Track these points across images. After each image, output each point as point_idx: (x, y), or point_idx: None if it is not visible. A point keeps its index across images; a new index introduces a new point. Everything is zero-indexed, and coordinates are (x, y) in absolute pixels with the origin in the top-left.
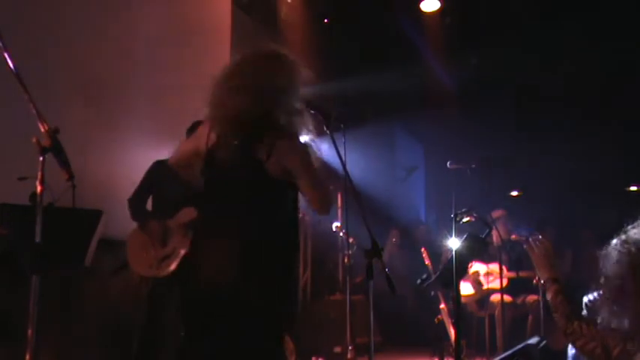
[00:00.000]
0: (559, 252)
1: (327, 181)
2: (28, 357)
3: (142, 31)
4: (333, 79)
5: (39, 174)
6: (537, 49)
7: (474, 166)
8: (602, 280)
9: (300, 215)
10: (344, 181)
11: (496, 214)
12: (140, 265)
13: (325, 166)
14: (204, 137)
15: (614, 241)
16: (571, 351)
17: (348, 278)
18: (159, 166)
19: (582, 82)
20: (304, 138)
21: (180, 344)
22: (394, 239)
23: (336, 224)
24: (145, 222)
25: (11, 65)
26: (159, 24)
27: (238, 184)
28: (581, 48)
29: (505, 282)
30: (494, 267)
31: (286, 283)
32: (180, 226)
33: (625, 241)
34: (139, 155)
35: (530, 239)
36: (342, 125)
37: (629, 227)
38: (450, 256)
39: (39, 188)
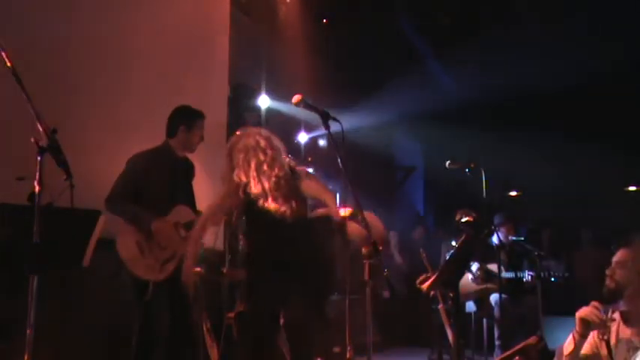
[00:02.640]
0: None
1: None
2: (26, 357)
3: (141, 31)
4: (332, 79)
5: (37, 174)
6: (536, 48)
7: (472, 165)
8: None
9: None
10: (343, 180)
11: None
12: (140, 267)
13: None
14: None
15: None
16: (559, 351)
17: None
18: (142, 161)
19: (580, 81)
20: None
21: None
22: (393, 241)
23: None
24: (150, 224)
25: (9, 65)
26: (157, 24)
27: None
28: (580, 47)
29: (504, 282)
30: (494, 267)
31: None
32: (178, 227)
33: None
34: None
35: None
36: (340, 124)
37: None
38: (448, 257)
39: (37, 188)
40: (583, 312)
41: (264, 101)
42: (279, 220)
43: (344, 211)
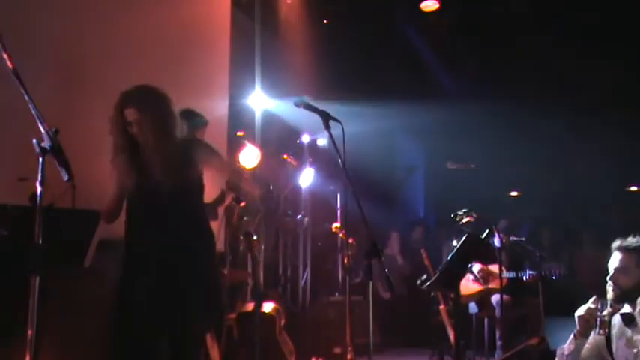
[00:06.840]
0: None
1: None
2: (28, 358)
3: (141, 31)
4: (332, 79)
5: (39, 175)
6: (536, 48)
7: (473, 166)
8: None
9: (300, 216)
10: (343, 180)
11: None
12: None
13: None
14: None
15: None
16: (560, 351)
17: (347, 279)
18: None
19: (581, 80)
20: None
21: None
22: (395, 242)
23: (335, 225)
24: None
25: (11, 66)
26: (158, 24)
27: None
28: (579, 47)
29: (504, 282)
30: (494, 267)
31: None
32: None
33: None
34: None
35: None
36: (341, 124)
37: None
38: (449, 257)
39: (39, 189)
40: (580, 311)
41: (260, 101)
42: None
43: None
